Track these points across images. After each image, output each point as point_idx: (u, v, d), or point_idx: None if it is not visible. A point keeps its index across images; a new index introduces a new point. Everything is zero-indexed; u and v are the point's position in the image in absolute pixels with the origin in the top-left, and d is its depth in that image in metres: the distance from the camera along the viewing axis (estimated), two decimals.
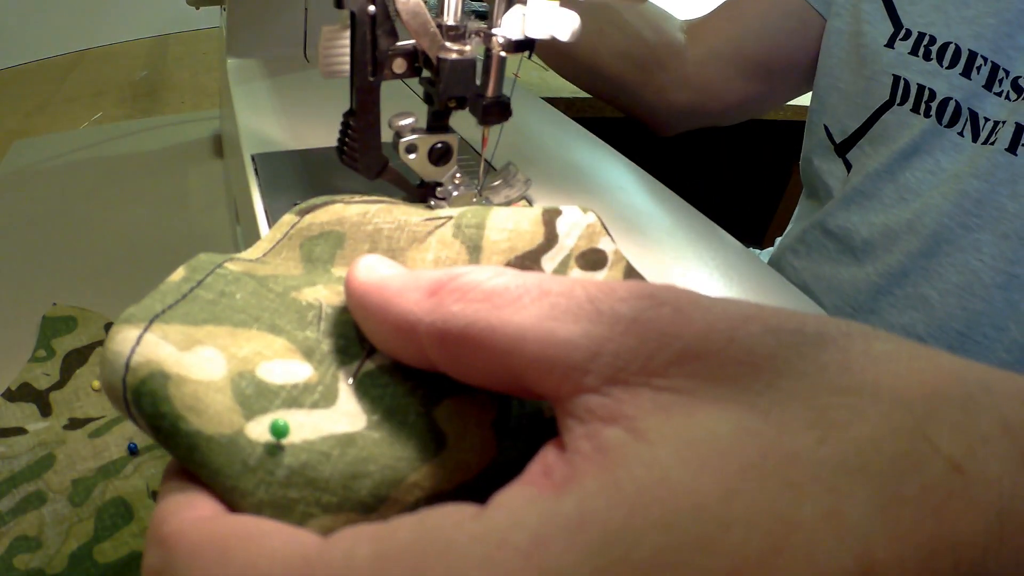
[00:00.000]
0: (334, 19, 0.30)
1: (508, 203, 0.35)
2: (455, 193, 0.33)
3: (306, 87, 0.49)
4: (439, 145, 0.31)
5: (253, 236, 0.33)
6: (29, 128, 0.77)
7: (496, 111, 0.31)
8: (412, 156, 0.31)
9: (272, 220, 0.32)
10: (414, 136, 0.31)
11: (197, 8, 0.60)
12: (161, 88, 0.91)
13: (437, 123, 0.31)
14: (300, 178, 0.36)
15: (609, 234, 0.24)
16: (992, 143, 0.47)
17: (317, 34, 0.31)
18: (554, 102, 0.64)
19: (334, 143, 0.31)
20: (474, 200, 0.34)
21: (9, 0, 0.95)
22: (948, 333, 0.50)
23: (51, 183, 0.64)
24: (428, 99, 0.31)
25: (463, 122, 0.33)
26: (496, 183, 0.35)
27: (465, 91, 0.30)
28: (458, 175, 0.33)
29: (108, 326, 0.46)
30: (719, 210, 0.59)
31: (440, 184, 0.33)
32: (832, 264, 0.58)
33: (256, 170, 0.36)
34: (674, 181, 0.43)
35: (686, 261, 0.32)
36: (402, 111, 0.31)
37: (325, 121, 0.33)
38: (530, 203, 0.36)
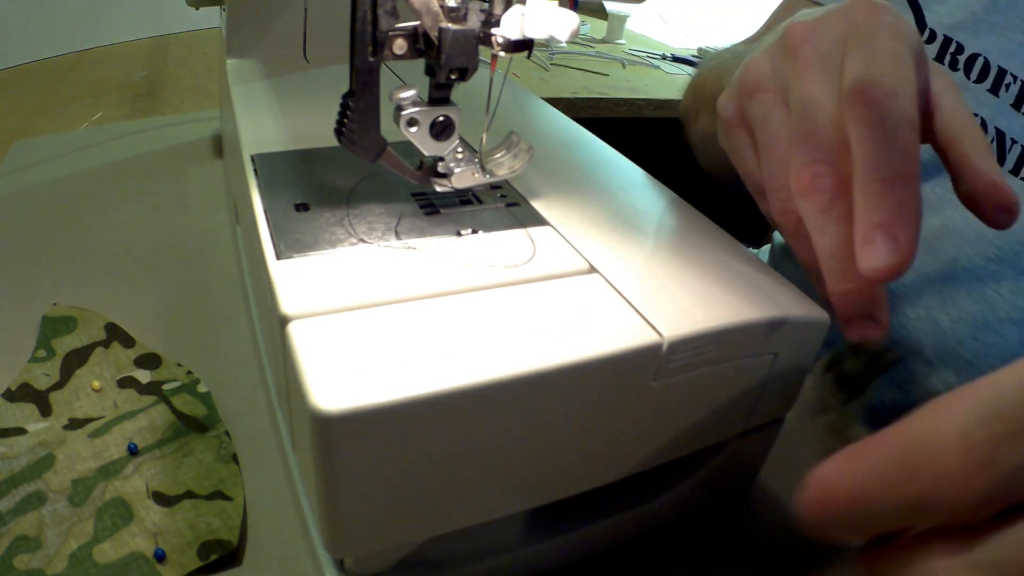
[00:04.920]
0: (334, 19, 0.30)
1: (512, 175, 0.35)
2: (457, 170, 0.33)
3: (306, 87, 0.49)
4: (440, 119, 0.31)
5: (253, 236, 0.33)
6: (29, 128, 0.77)
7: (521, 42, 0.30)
8: (413, 129, 0.31)
9: (272, 220, 0.32)
10: (415, 109, 0.31)
11: (197, 8, 0.60)
12: (161, 88, 0.91)
13: (438, 96, 0.31)
14: (300, 178, 0.36)
15: None
16: (1022, 177, 0.46)
17: (317, 34, 0.31)
18: (554, 102, 0.64)
19: (335, 143, 0.31)
20: (476, 175, 0.33)
21: (9, 0, 0.95)
22: (957, 360, 0.49)
23: (51, 183, 0.64)
24: (430, 71, 0.30)
25: (467, 118, 0.33)
26: (499, 155, 0.35)
27: (467, 62, 0.30)
28: (460, 150, 0.33)
29: (108, 326, 0.46)
30: (719, 210, 0.59)
31: (441, 159, 0.33)
32: None
33: (256, 170, 0.36)
34: (674, 181, 0.43)
35: (686, 261, 0.32)
36: (403, 85, 0.31)
37: (325, 121, 0.33)
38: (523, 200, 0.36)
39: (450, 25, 0.29)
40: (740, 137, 0.32)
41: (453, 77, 0.30)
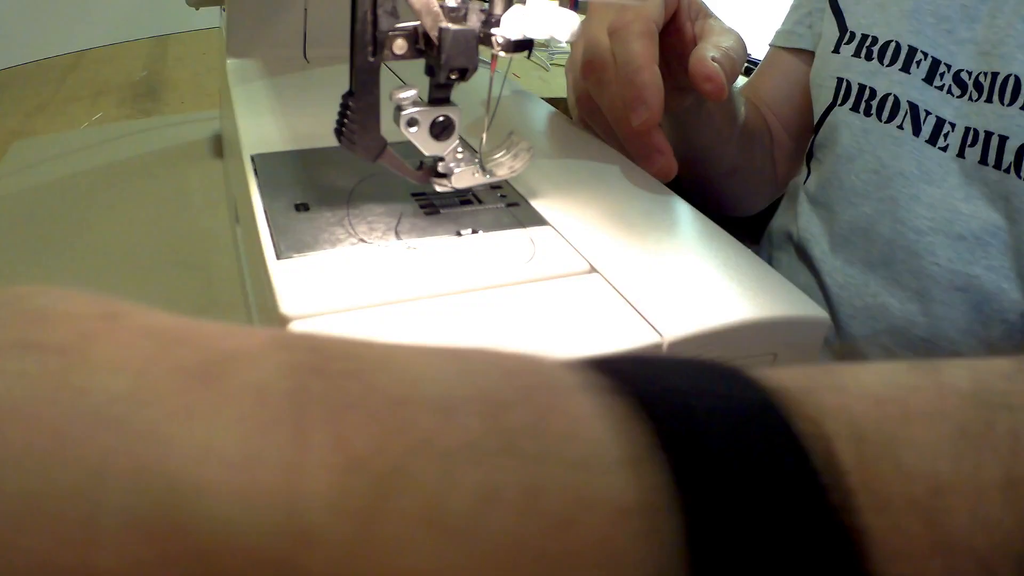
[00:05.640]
0: (334, 19, 0.30)
1: (512, 175, 0.35)
2: (457, 170, 0.33)
3: (306, 87, 0.49)
4: (440, 119, 0.31)
5: (253, 236, 0.33)
6: (29, 128, 0.77)
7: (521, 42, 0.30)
8: (413, 130, 0.31)
9: (272, 220, 0.32)
10: (415, 109, 0.31)
11: (197, 8, 0.60)
12: (161, 88, 0.91)
13: (438, 96, 0.31)
14: (300, 178, 0.36)
15: None
16: (944, 149, 0.47)
17: (317, 34, 0.31)
18: (554, 102, 0.64)
19: (334, 143, 0.31)
20: (476, 174, 0.33)
21: (9, 0, 0.95)
22: (912, 340, 0.49)
23: (51, 183, 0.64)
24: (430, 71, 0.30)
25: (467, 118, 0.33)
26: (499, 154, 0.35)
27: (467, 62, 0.30)
28: (459, 150, 0.33)
29: None
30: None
31: (441, 159, 0.33)
32: (806, 276, 0.57)
33: (256, 170, 0.36)
34: (674, 181, 0.43)
35: (686, 261, 0.32)
36: (403, 85, 0.31)
37: (325, 121, 0.33)
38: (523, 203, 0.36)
39: (450, 25, 0.29)
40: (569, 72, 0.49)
41: (453, 77, 0.30)
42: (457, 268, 0.30)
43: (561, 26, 0.29)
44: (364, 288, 0.28)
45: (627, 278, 0.30)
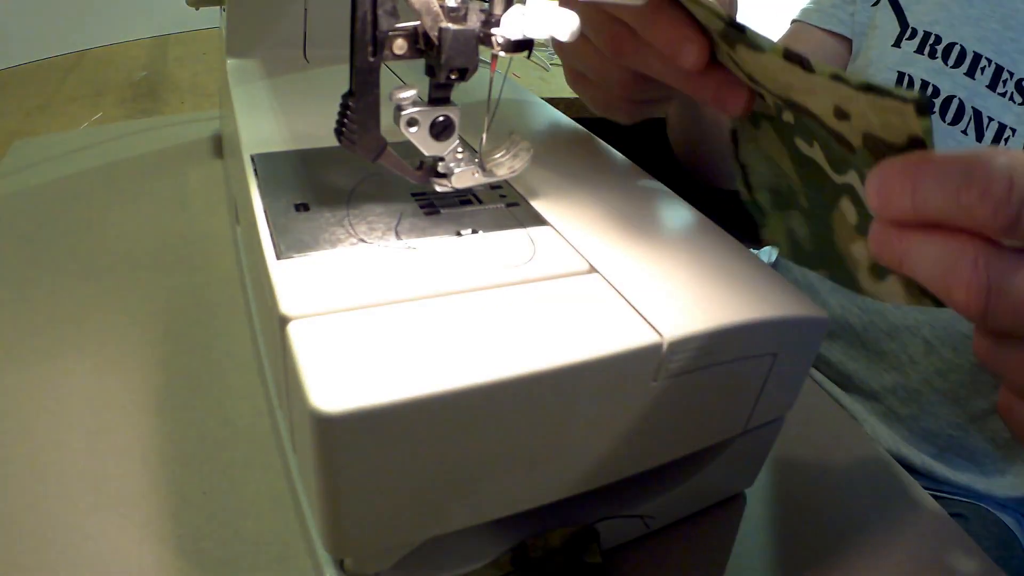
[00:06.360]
0: (334, 19, 0.30)
1: (512, 175, 0.35)
2: (457, 170, 0.33)
3: (306, 87, 0.49)
4: (440, 119, 0.31)
5: (253, 236, 0.33)
6: (29, 128, 0.77)
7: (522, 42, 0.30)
8: (413, 130, 0.31)
9: (272, 220, 0.32)
10: (415, 109, 0.31)
11: (197, 8, 0.60)
12: (161, 88, 0.91)
13: (438, 96, 0.31)
14: (300, 178, 0.36)
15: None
16: None
17: (317, 34, 0.31)
18: (554, 102, 0.64)
19: (335, 143, 0.31)
20: (476, 174, 0.34)
21: (9, 0, 0.95)
22: (954, 336, 0.50)
23: (51, 183, 0.64)
24: (430, 71, 0.30)
25: (467, 118, 0.33)
26: (499, 154, 0.35)
27: (467, 62, 0.30)
28: (460, 150, 0.33)
29: None
30: (719, 210, 0.59)
31: (441, 159, 0.33)
32: None
33: (256, 170, 0.36)
34: (674, 181, 0.43)
35: (686, 261, 0.32)
36: (403, 85, 0.31)
37: (325, 121, 0.33)
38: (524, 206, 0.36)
39: (450, 25, 0.29)
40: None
41: (453, 77, 0.30)
42: (457, 268, 0.30)
43: (561, 26, 0.29)
44: (364, 288, 0.28)
45: (627, 278, 0.30)
